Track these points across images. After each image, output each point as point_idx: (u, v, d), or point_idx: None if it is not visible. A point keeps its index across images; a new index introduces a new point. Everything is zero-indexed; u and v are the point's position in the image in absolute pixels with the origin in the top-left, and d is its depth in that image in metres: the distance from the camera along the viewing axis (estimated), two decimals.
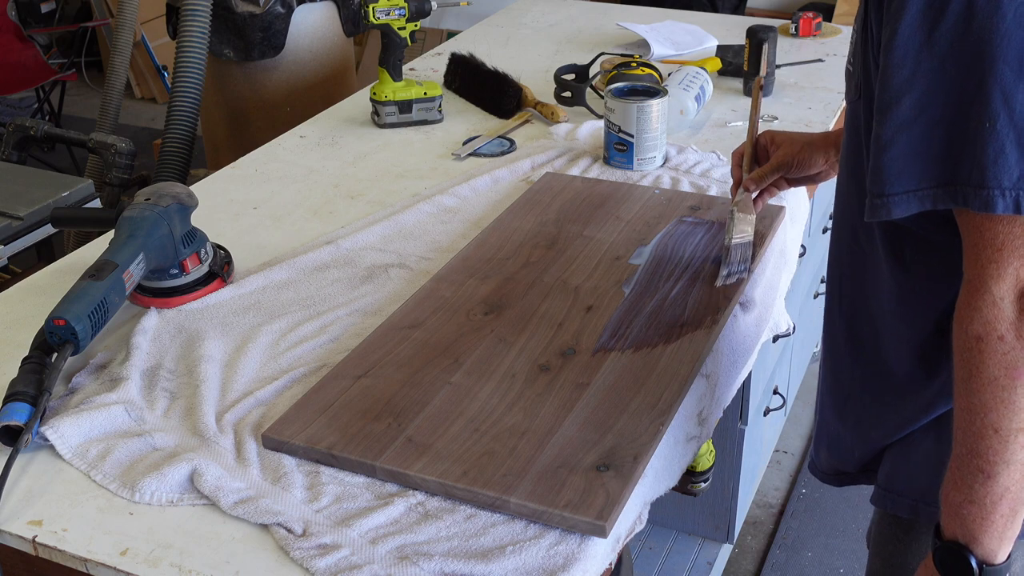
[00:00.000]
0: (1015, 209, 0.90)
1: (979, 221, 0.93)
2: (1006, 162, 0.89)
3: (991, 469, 0.96)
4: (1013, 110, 0.89)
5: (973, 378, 0.95)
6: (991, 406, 0.94)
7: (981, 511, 0.98)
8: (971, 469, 0.97)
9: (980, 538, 0.99)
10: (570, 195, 1.74)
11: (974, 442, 0.96)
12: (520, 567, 1.03)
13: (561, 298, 1.44)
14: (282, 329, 1.42)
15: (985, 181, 0.90)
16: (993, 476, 0.96)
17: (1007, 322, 0.92)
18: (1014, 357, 0.92)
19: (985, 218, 0.92)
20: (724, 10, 4.50)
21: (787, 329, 1.69)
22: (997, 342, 0.93)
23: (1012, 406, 0.93)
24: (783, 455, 2.74)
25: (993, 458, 0.95)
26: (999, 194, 0.90)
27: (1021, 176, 0.89)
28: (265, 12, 2.68)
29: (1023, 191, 0.89)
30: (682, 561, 2.17)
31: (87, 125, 4.26)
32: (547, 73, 2.32)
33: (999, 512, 0.98)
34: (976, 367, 0.94)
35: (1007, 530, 0.99)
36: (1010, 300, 0.92)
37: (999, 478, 0.96)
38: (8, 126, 2.66)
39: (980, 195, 0.91)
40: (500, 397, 1.24)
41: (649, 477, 1.18)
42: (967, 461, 0.97)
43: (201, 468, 1.15)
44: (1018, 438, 0.94)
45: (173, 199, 1.45)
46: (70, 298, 1.29)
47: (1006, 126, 0.89)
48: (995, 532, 0.99)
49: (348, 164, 1.95)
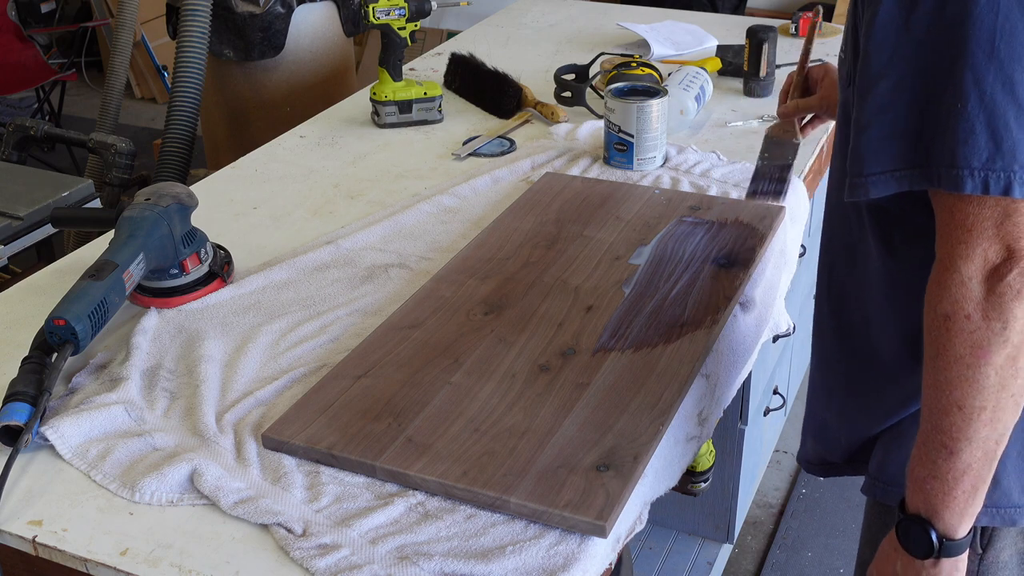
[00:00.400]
0: (983, 189, 0.91)
1: (951, 202, 0.94)
2: (976, 143, 0.91)
3: (954, 445, 0.98)
4: (983, 92, 0.90)
5: (940, 356, 0.96)
6: (956, 384, 0.96)
7: (943, 486, 1.00)
8: (935, 445, 0.99)
9: (941, 513, 1.02)
10: (570, 195, 1.74)
11: (939, 418, 0.98)
12: (520, 567, 1.03)
13: (561, 298, 1.44)
14: (282, 329, 1.42)
15: (955, 161, 0.91)
16: (956, 452, 0.98)
17: (974, 302, 0.93)
18: (980, 336, 0.93)
19: (956, 199, 0.93)
20: (724, 10, 4.50)
21: (787, 329, 1.69)
22: (964, 321, 0.94)
23: (976, 384, 0.95)
24: (783, 455, 2.74)
25: (956, 435, 0.97)
26: (968, 174, 0.91)
27: (990, 157, 0.91)
28: (265, 12, 2.68)
29: (991, 172, 0.91)
30: (682, 561, 2.17)
31: (87, 125, 4.26)
32: (547, 73, 2.32)
33: (961, 488, 1.00)
34: (943, 345, 0.96)
35: (968, 506, 1.01)
36: (978, 280, 0.93)
37: (962, 455, 0.98)
38: (8, 126, 2.66)
39: (950, 175, 0.92)
40: (500, 397, 1.24)
41: (649, 477, 1.18)
42: (932, 437, 0.99)
43: (201, 468, 1.15)
44: (981, 416, 0.96)
45: (173, 199, 1.45)
46: (70, 298, 1.29)
47: (976, 108, 0.90)
48: (956, 508, 1.01)
49: (348, 164, 1.95)
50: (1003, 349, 0.93)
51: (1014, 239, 0.92)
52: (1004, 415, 0.96)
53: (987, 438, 0.97)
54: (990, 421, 0.96)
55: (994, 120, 0.90)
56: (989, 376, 0.94)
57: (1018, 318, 0.93)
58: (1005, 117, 0.90)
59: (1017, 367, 0.94)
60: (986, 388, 0.95)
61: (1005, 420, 0.97)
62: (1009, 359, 0.94)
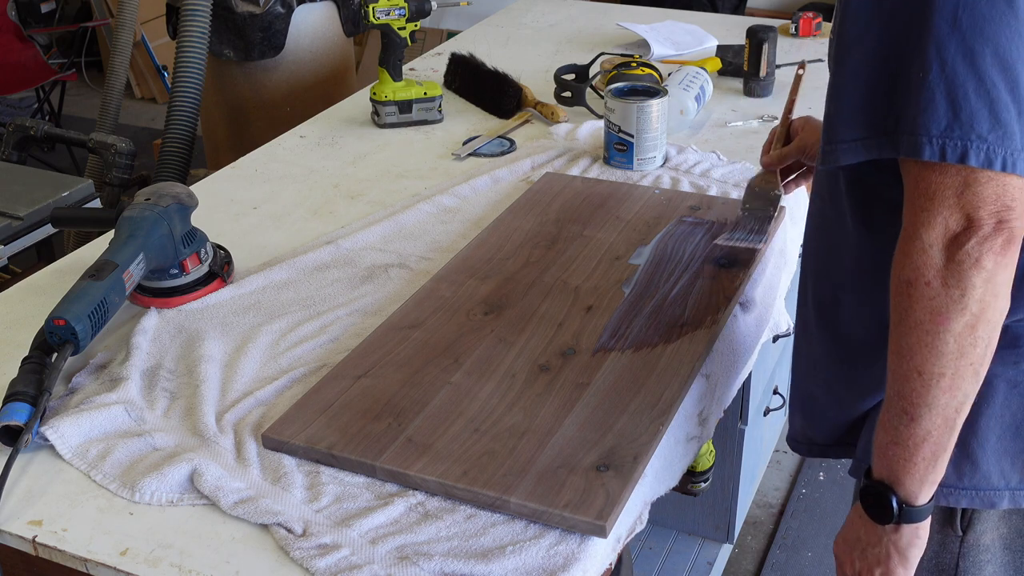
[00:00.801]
0: (940, 156, 0.93)
1: (916, 171, 0.96)
2: (935, 111, 0.93)
3: (914, 411, 1.00)
4: (945, 62, 0.92)
5: (902, 322, 0.98)
6: (916, 349, 0.98)
7: (904, 452, 1.03)
8: (897, 411, 1.02)
9: (902, 479, 1.04)
10: (570, 195, 1.74)
11: (900, 384, 1.00)
12: (520, 567, 1.03)
13: (561, 298, 1.44)
14: (282, 329, 1.42)
15: (916, 129, 0.94)
16: (916, 419, 1.00)
17: (934, 269, 0.95)
18: (939, 303, 0.95)
19: (920, 168, 0.95)
20: (724, 10, 4.50)
21: (787, 329, 1.69)
22: (924, 288, 0.96)
23: (935, 351, 0.97)
24: (783, 455, 2.74)
25: (916, 400, 0.99)
26: (927, 141, 0.93)
27: (948, 126, 0.93)
28: (265, 12, 2.68)
29: (948, 140, 0.92)
30: (682, 561, 2.17)
31: (87, 125, 4.26)
32: (547, 73, 2.32)
33: (921, 455, 1.02)
34: (905, 311, 0.98)
35: (928, 473, 1.03)
36: (938, 248, 0.95)
37: (922, 421, 1.00)
38: (8, 126, 2.66)
39: (911, 142, 0.94)
40: (500, 397, 1.24)
41: (649, 477, 1.18)
42: (894, 403, 1.02)
43: (201, 468, 1.15)
44: (940, 383, 0.98)
45: (173, 199, 1.45)
46: (70, 298, 1.29)
47: (938, 77, 0.92)
48: (916, 474, 1.03)
49: (348, 164, 1.95)
50: (961, 316, 0.95)
51: (973, 208, 0.94)
52: (963, 383, 0.98)
53: (946, 405, 0.99)
54: (949, 388, 0.98)
55: (954, 90, 0.92)
56: (948, 343, 0.96)
57: (976, 286, 0.94)
58: (965, 87, 0.92)
59: (976, 336, 0.96)
60: (945, 355, 0.97)
61: (964, 388, 0.99)
62: (967, 327, 0.95)
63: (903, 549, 1.09)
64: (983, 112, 0.92)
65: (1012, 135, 0.92)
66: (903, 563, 1.10)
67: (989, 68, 0.92)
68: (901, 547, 1.09)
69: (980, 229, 0.94)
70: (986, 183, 0.93)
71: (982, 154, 0.92)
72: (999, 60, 0.92)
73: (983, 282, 0.94)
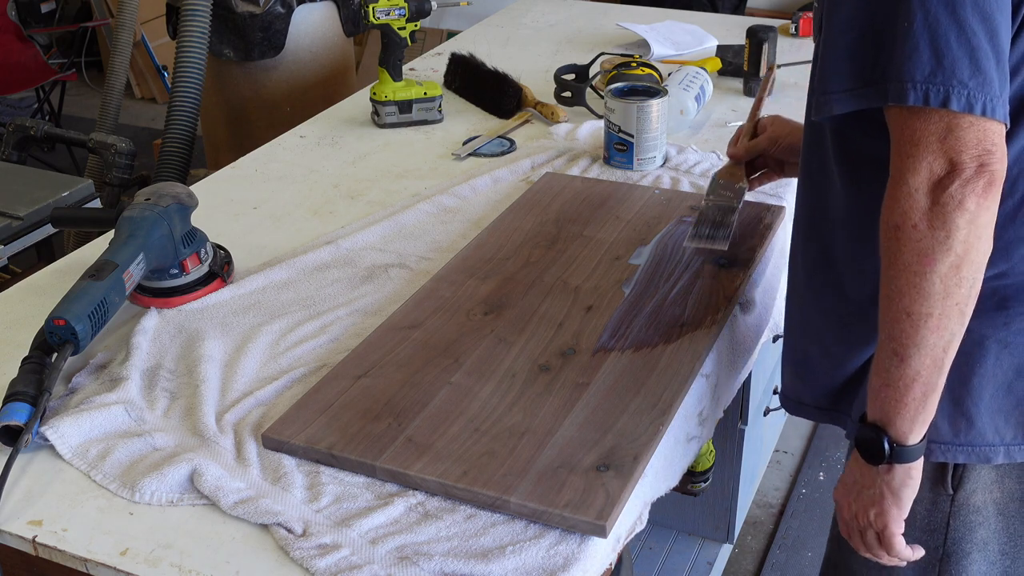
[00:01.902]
0: (924, 101, 0.97)
1: (902, 118, 1.00)
2: (919, 58, 0.97)
3: (904, 352, 1.04)
4: (928, 11, 0.96)
5: (891, 265, 1.02)
6: (904, 291, 1.01)
7: (895, 393, 1.06)
8: (887, 353, 1.05)
9: (894, 419, 1.08)
10: (570, 195, 1.74)
11: (890, 326, 1.04)
12: (520, 567, 1.03)
13: (561, 298, 1.44)
14: (282, 329, 1.42)
15: (901, 76, 0.98)
16: (906, 359, 1.04)
17: (920, 212, 0.99)
18: (926, 245, 0.99)
19: (905, 115, 0.99)
20: (724, 10, 4.50)
21: None
22: (911, 231, 1.00)
23: (923, 291, 1.00)
24: (783, 455, 2.74)
25: (906, 341, 1.03)
26: (911, 87, 0.97)
27: (932, 72, 0.97)
28: (265, 12, 2.68)
29: (932, 85, 0.97)
30: (682, 561, 2.17)
31: (87, 125, 4.26)
32: (547, 73, 2.32)
33: (911, 395, 1.06)
34: (893, 255, 1.02)
35: (919, 413, 1.07)
36: (924, 192, 0.99)
37: (911, 361, 1.04)
38: (8, 126, 2.66)
39: (896, 89, 0.98)
40: (500, 397, 1.24)
41: (649, 477, 1.18)
42: (885, 345, 1.05)
43: (201, 468, 1.15)
44: (928, 323, 1.01)
45: (173, 199, 1.45)
46: (70, 298, 1.29)
47: (921, 26, 0.97)
48: (907, 414, 1.07)
49: (348, 164, 1.95)
50: (947, 257, 0.99)
51: (956, 152, 0.98)
52: (949, 323, 1.02)
53: (934, 345, 1.02)
54: (936, 328, 1.02)
55: (936, 38, 0.97)
56: (934, 284, 1.00)
57: (960, 228, 0.98)
58: (947, 36, 0.96)
59: (960, 276, 1.00)
60: (932, 295, 1.00)
61: (951, 328, 1.02)
62: (953, 267, 0.99)
63: (896, 489, 1.12)
64: (964, 60, 0.96)
65: (991, 82, 0.97)
66: (896, 503, 1.13)
67: (969, 17, 0.96)
68: (894, 487, 1.12)
69: (963, 172, 0.97)
70: (967, 128, 0.97)
71: (963, 99, 0.96)
72: (979, 10, 0.96)
73: (967, 223, 0.98)
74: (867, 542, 1.18)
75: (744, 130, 1.58)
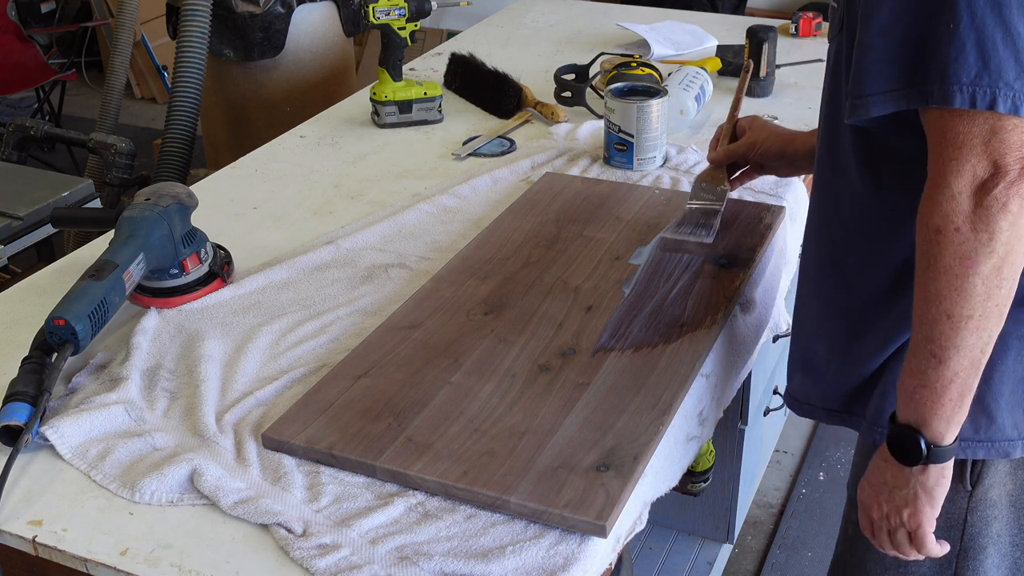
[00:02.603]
0: (971, 103, 0.97)
1: (944, 120, 1.00)
2: (965, 60, 0.97)
3: (943, 354, 1.04)
4: (975, 14, 0.97)
5: (931, 268, 1.02)
6: (945, 294, 1.01)
7: (932, 395, 1.06)
8: (925, 354, 1.05)
9: (930, 420, 1.08)
10: (570, 195, 1.74)
11: (929, 328, 1.04)
12: (520, 567, 1.03)
13: (561, 298, 1.44)
14: (282, 329, 1.42)
15: (946, 78, 0.98)
16: (944, 361, 1.04)
17: (963, 215, 0.99)
18: (968, 247, 1.00)
19: (948, 117, 0.99)
20: (724, 10, 4.50)
21: (787, 329, 1.68)
22: (953, 234, 1.00)
23: (964, 293, 1.01)
24: (783, 455, 2.74)
25: (945, 343, 1.03)
26: (957, 89, 0.97)
27: (978, 75, 0.97)
28: (265, 12, 2.68)
29: (978, 87, 0.97)
30: (682, 561, 2.17)
31: (87, 125, 4.26)
32: (547, 73, 2.32)
33: (948, 396, 1.06)
34: (934, 257, 1.01)
35: (955, 414, 1.07)
36: (967, 194, 0.99)
37: (950, 363, 1.04)
38: (8, 126, 2.66)
39: (942, 91, 0.98)
40: (500, 397, 1.24)
41: (649, 477, 1.18)
42: (922, 347, 1.05)
43: (201, 468, 1.15)
44: (968, 324, 1.02)
45: (173, 199, 1.45)
46: (70, 298, 1.29)
47: (968, 28, 0.97)
48: (944, 415, 1.07)
49: (348, 164, 1.95)
50: (989, 259, 0.99)
51: (1000, 155, 0.98)
52: (989, 323, 1.02)
53: (973, 346, 1.03)
54: (976, 329, 1.02)
55: (983, 40, 0.97)
56: (976, 285, 1.00)
57: (1003, 230, 0.99)
58: (993, 38, 0.97)
59: (1002, 277, 1.00)
60: (973, 297, 1.01)
61: (990, 328, 1.03)
62: (995, 269, 1.00)
63: (930, 489, 1.12)
64: (1010, 61, 0.97)
65: None
66: (930, 502, 1.13)
67: (1016, 19, 0.97)
68: (928, 487, 1.12)
69: (1007, 174, 0.98)
70: (1012, 130, 0.98)
71: (1009, 101, 0.97)
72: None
73: (1009, 225, 0.98)
74: (896, 541, 1.18)
75: (723, 132, 1.59)
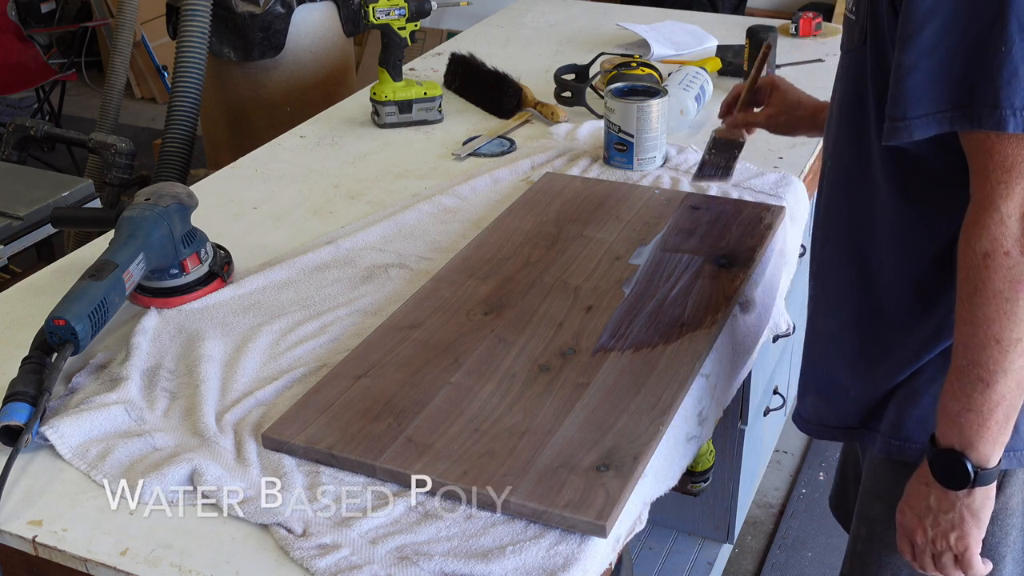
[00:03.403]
0: None
1: (991, 143, 0.99)
2: (1019, 84, 0.96)
3: (990, 378, 1.03)
4: None
5: (978, 292, 1.01)
6: (994, 318, 1.01)
7: (978, 418, 1.05)
8: (971, 378, 1.04)
9: (976, 444, 1.07)
10: (570, 195, 1.74)
11: (976, 353, 1.03)
12: (520, 567, 1.03)
13: (561, 298, 1.44)
14: (282, 329, 1.42)
15: (998, 102, 0.97)
16: (992, 384, 1.03)
17: (1013, 238, 0.99)
18: (1018, 271, 0.99)
19: (996, 140, 0.98)
20: (724, 10, 4.50)
21: (787, 329, 1.69)
22: (1003, 258, 0.99)
23: (1014, 317, 1.00)
24: (783, 455, 2.74)
25: (993, 367, 1.02)
26: (1011, 114, 0.96)
27: None
28: (265, 12, 2.68)
29: None
30: (682, 561, 2.17)
31: (87, 125, 4.26)
32: (547, 73, 2.32)
33: (995, 419, 1.05)
34: (982, 282, 1.01)
35: (1000, 436, 1.07)
36: (1016, 218, 0.99)
37: (997, 386, 1.03)
38: (8, 126, 2.66)
39: (993, 115, 0.97)
40: (500, 397, 1.24)
41: (649, 477, 1.18)
42: (968, 371, 1.04)
43: (201, 468, 1.15)
44: (1017, 347, 1.02)
45: (173, 199, 1.45)
46: (70, 298, 1.29)
47: (1020, 51, 0.96)
48: (990, 437, 1.06)
49: (348, 164, 1.95)
50: None
51: None
52: None
53: (1020, 368, 1.03)
54: None
55: None
56: None
57: None
58: None
59: None
60: (1022, 320, 1.00)
61: None
62: None
63: (976, 511, 1.11)
64: None
65: None
66: (977, 524, 1.12)
67: None
68: (975, 509, 1.11)
69: None
70: None
71: None
72: None
73: None
74: (941, 564, 1.16)
75: (742, 98, 1.58)
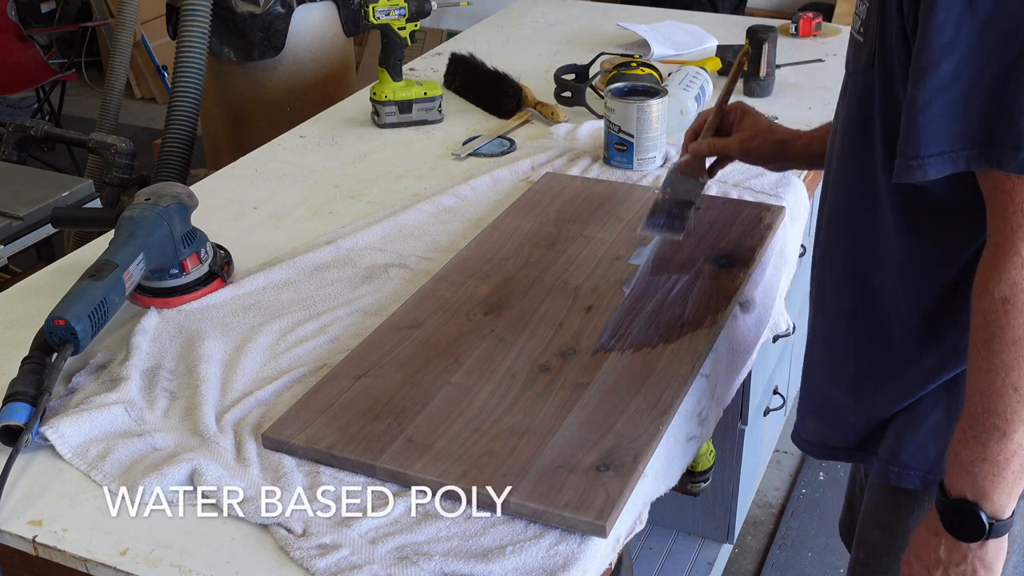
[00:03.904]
0: None
1: (1010, 184, 0.95)
2: None
3: (1007, 427, 0.99)
4: None
5: (996, 339, 0.97)
6: (1013, 365, 0.97)
7: (993, 468, 1.01)
8: (987, 428, 1.00)
9: (991, 494, 1.02)
10: (570, 195, 1.74)
11: (992, 401, 0.99)
12: (520, 567, 1.03)
13: (561, 298, 1.44)
14: (282, 329, 1.42)
15: (1021, 143, 0.93)
16: (1009, 434, 0.99)
17: None
18: None
19: (1016, 182, 0.95)
20: (724, 10, 4.50)
21: (787, 329, 1.69)
22: None
23: None
24: (783, 455, 2.74)
25: (1011, 416, 0.98)
26: None
27: None
28: (265, 12, 2.68)
29: None
30: (682, 561, 2.17)
31: (87, 125, 4.26)
32: (547, 73, 2.32)
33: (1011, 468, 1.01)
34: (1000, 328, 0.97)
35: (1015, 486, 1.02)
36: None
37: (1014, 435, 0.99)
38: (8, 126, 2.66)
39: (1015, 157, 0.93)
40: (500, 397, 1.24)
41: (649, 477, 1.18)
42: (983, 420, 1.00)
43: (201, 468, 1.15)
44: None
45: (173, 199, 1.45)
46: (70, 298, 1.29)
47: None
48: (1005, 488, 1.02)
49: (348, 164, 1.95)
50: None
51: None
52: None
53: None
54: None
55: None
56: None
57: None
58: None
59: None
60: None
61: None
62: None
63: (990, 563, 1.07)
64: None
65: None
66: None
67: None
68: (987, 561, 1.07)
69: None
70: None
71: None
72: None
73: None
74: None
75: (709, 122, 1.50)
